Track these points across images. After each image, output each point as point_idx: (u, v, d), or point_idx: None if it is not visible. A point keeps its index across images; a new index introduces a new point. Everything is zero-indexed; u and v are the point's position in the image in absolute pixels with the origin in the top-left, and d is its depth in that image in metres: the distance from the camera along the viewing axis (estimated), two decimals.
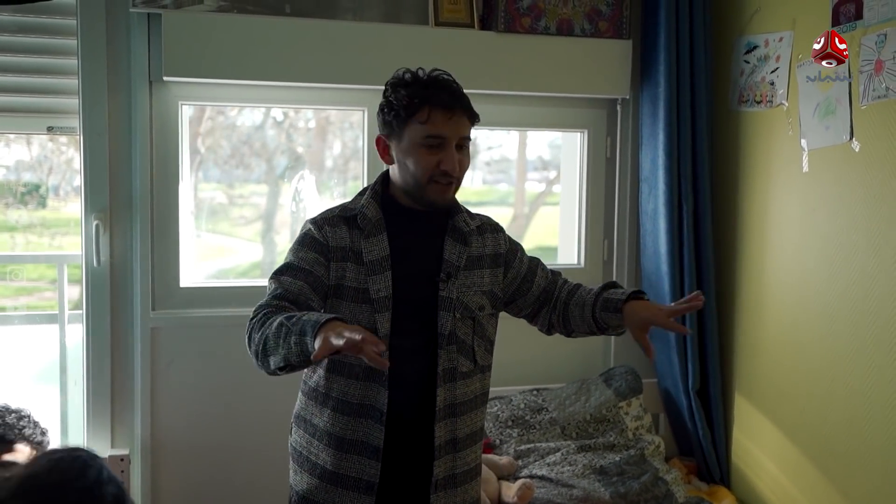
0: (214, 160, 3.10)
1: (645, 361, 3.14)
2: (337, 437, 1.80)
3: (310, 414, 1.87)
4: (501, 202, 3.52)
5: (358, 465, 1.79)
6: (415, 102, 1.75)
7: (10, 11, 2.59)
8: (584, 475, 2.69)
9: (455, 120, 1.75)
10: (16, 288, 2.95)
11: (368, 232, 1.80)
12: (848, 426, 2.40)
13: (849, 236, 2.38)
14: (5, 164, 2.91)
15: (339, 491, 1.80)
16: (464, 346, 1.84)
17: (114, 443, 2.74)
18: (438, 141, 1.74)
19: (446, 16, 2.84)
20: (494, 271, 1.92)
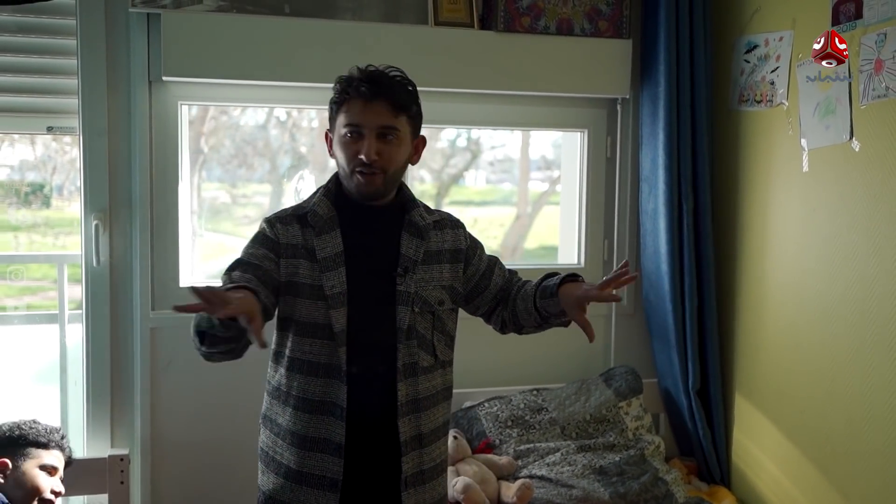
0: (218, 160, 3.10)
1: (645, 361, 3.14)
2: (299, 436, 1.81)
3: (274, 413, 1.88)
4: (504, 202, 3.52)
5: (321, 462, 1.79)
6: (340, 95, 1.80)
7: (10, 11, 2.59)
8: (583, 475, 2.69)
9: (372, 109, 1.76)
10: (19, 288, 2.95)
11: (320, 229, 1.82)
12: (848, 426, 2.39)
13: (849, 236, 2.37)
14: (9, 164, 2.91)
15: (304, 489, 1.81)
16: (424, 341, 1.85)
17: (113, 442, 2.75)
18: (356, 129, 1.76)
19: (446, 15, 2.83)
20: (454, 266, 1.93)
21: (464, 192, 3.49)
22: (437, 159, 3.48)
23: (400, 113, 1.79)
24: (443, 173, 3.36)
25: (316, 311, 1.79)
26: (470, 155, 3.46)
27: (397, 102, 1.78)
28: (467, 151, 3.46)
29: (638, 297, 3.17)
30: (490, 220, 3.48)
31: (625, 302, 3.19)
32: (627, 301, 3.19)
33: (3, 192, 2.93)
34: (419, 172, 3.45)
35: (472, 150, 3.45)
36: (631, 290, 3.18)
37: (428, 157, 3.48)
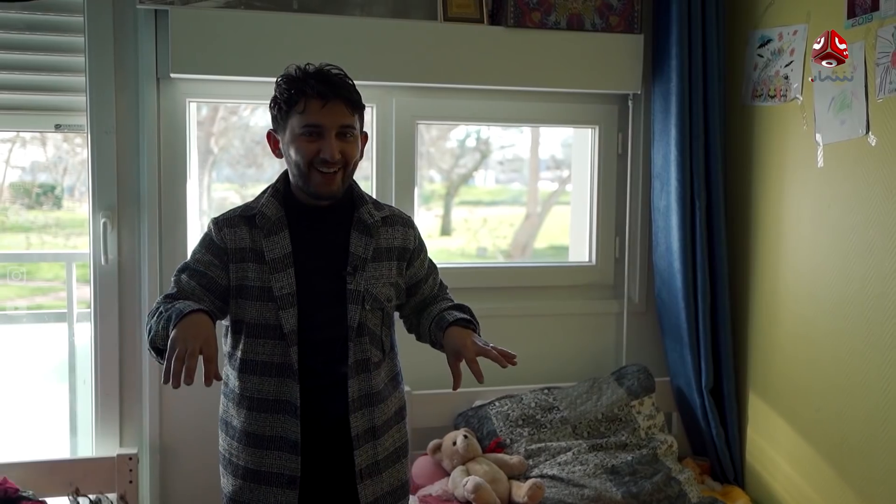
0: (227, 160, 3.09)
1: (658, 360, 3.11)
2: (255, 436, 1.83)
3: (229, 416, 1.91)
4: (514, 201, 3.50)
5: (278, 460, 1.81)
6: (292, 94, 1.78)
7: (18, 9, 2.58)
8: (595, 475, 2.66)
9: (330, 108, 1.76)
10: (31, 288, 2.94)
11: (268, 230, 1.83)
12: (864, 424, 2.36)
13: (864, 232, 2.34)
14: (21, 166, 2.91)
15: (262, 489, 1.83)
16: (374, 337, 1.87)
17: (122, 442, 2.74)
18: (316, 129, 1.76)
19: (455, 11, 2.81)
20: (400, 264, 1.94)
21: (473, 191, 3.47)
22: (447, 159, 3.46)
23: (355, 111, 1.82)
24: (452, 173, 3.34)
25: (266, 312, 1.81)
26: (479, 155, 3.44)
27: (353, 101, 1.81)
28: (476, 151, 3.44)
29: (650, 294, 3.14)
30: (500, 220, 3.46)
31: (637, 300, 3.16)
32: (639, 299, 3.16)
33: (14, 193, 2.93)
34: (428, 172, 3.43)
35: (482, 150, 3.43)
36: (643, 288, 3.16)
37: (437, 156, 3.47)
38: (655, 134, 2.99)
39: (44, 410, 2.92)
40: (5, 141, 2.91)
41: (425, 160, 3.39)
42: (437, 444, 2.74)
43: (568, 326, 3.11)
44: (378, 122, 2.88)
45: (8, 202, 2.94)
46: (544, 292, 3.11)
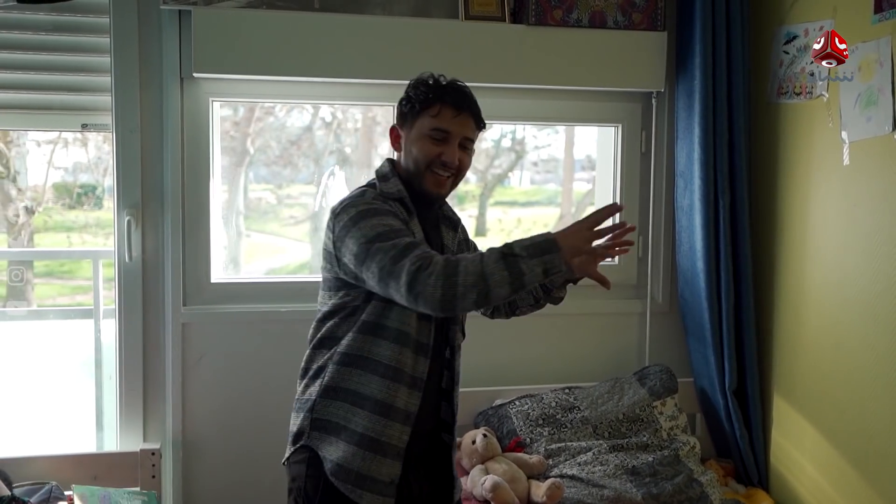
0: (264, 161, 3.12)
1: (682, 360, 3.08)
2: (384, 405, 1.85)
3: (353, 384, 1.87)
4: (549, 202, 3.48)
5: (398, 431, 1.87)
6: (430, 98, 1.90)
7: (46, 10, 2.63)
8: (615, 475, 2.64)
9: (461, 120, 1.90)
10: (73, 287, 2.99)
11: (411, 213, 1.93)
12: (890, 427, 2.31)
13: (891, 231, 2.29)
14: (64, 166, 2.96)
15: (376, 458, 1.86)
16: (461, 323, 2.05)
17: (146, 436, 2.77)
18: (443, 134, 1.89)
19: (476, 9, 2.80)
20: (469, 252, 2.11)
21: (508, 192, 3.46)
22: (482, 160, 3.46)
23: (478, 128, 1.96)
24: (487, 174, 3.34)
25: None
26: (514, 155, 3.43)
27: (479, 118, 1.95)
28: (512, 152, 3.43)
29: (673, 294, 3.11)
30: (533, 221, 3.45)
31: (660, 299, 3.13)
32: (663, 299, 3.13)
33: (57, 193, 2.99)
34: None
35: (517, 151, 3.42)
36: (666, 288, 3.13)
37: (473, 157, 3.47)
38: (679, 132, 2.96)
39: (72, 405, 2.97)
40: (48, 142, 2.97)
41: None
42: (456, 442, 2.73)
43: (590, 326, 3.09)
44: None
45: (51, 202, 3.01)
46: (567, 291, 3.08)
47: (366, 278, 1.78)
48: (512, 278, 1.65)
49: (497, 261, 1.66)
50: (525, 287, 1.68)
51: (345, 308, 1.89)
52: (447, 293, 1.66)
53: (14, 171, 2.99)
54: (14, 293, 2.94)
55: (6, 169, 2.96)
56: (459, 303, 1.67)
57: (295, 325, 2.81)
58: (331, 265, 1.90)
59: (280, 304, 2.83)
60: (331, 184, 3.01)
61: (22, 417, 2.89)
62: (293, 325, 2.81)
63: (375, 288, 1.78)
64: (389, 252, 1.73)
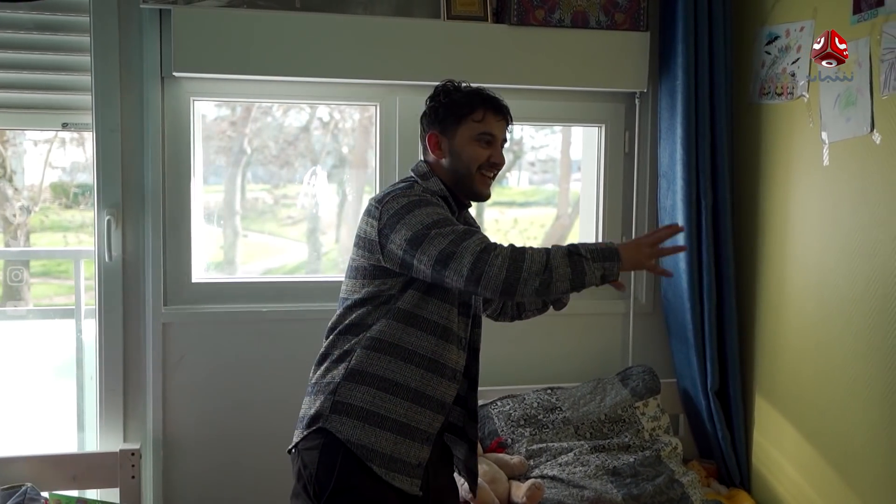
0: (260, 161, 3.11)
1: (665, 361, 3.08)
2: (418, 392, 1.90)
3: (382, 370, 1.89)
4: (547, 203, 3.48)
5: (429, 418, 1.93)
6: (473, 104, 2.00)
7: (25, 9, 2.62)
8: (596, 476, 2.63)
9: (501, 124, 2.03)
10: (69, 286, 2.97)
11: (453, 213, 1.99)
12: (868, 428, 2.31)
13: (870, 232, 2.29)
14: (62, 166, 2.96)
15: (406, 442, 1.90)
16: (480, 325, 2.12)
17: (126, 437, 2.76)
18: (490, 137, 1.99)
19: (459, 9, 2.80)
20: None
21: (507, 192, 3.46)
22: None
23: (507, 130, 2.07)
24: None
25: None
26: (512, 156, 3.43)
27: (510, 121, 2.06)
28: (509, 152, 3.43)
29: (657, 295, 3.11)
30: (530, 221, 3.44)
31: (643, 300, 3.12)
32: (646, 299, 3.13)
33: (54, 193, 2.98)
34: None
35: (515, 151, 3.42)
36: (650, 288, 3.12)
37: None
38: (662, 132, 2.96)
39: (54, 406, 2.96)
40: (45, 141, 2.96)
41: None
42: None
43: (573, 326, 3.09)
44: (382, 120, 2.88)
45: (48, 202, 3.00)
46: None
47: (417, 263, 1.82)
48: (574, 276, 1.75)
49: (563, 256, 1.77)
50: (583, 287, 1.78)
51: (380, 296, 1.92)
52: (511, 276, 1.74)
53: (10, 171, 2.98)
54: (11, 293, 2.94)
55: (2, 168, 2.95)
56: (521, 287, 1.75)
57: (276, 324, 2.82)
58: (371, 253, 1.92)
59: (262, 304, 2.83)
60: (314, 183, 3.01)
61: (2, 419, 2.88)
62: (275, 324, 2.82)
63: (427, 273, 1.81)
64: (449, 236, 1.80)
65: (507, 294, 1.76)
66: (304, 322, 2.74)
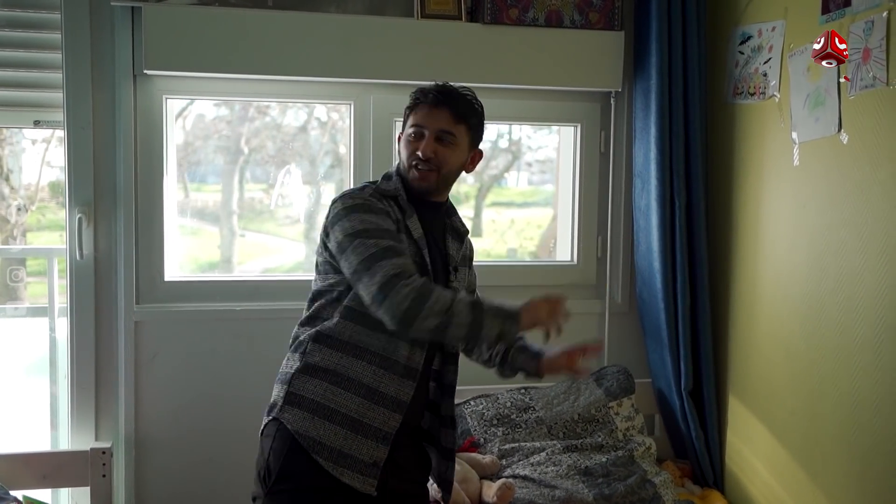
0: (258, 160, 3.10)
1: (641, 361, 3.08)
2: (371, 389, 1.88)
3: (332, 364, 1.89)
4: (546, 203, 3.47)
5: (383, 417, 1.89)
6: (413, 101, 2.00)
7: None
8: (567, 476, 2.63)
9: (436, 114, 1.94)
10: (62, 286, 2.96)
11: (408, 212, 1.97)
12: (835, 428, 2.31)
13: (837, 232, 2.29)
14: (60, 165, 2.95)
15: (357, 438, 1.87)
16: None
17: (98, 435, 2.76)
18: (419, 130, 1.95)
19: (432, 7, 2.79)
20: (470, 272, 2.16)
21: (505, 193, 3.45)
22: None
23: (460, 121, 1.96)
24: (483, 174, 3.33)
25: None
26: (511, 156, 3.42)
27: (458, 111, 1.96)
28: (508, 153, 3.43)
29: (632, 295, 3.10)
30: (527, 222, 3.44)
31: (619, 300, 3.12)
32: (622, 299, 3.12)
33: (52, 192, 2.98)
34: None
35: (513, 151, 3.41)
36: (626, 288, 3.12)
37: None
38: (637, 132, 2.96)
39: (28, 404, 2.95)
40: (42, 140, 2.96)
41: None
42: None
43: None
44: (356, 119, 2.88)
45: (45, 201, 3.00)
46: (527, 291, 2.98)
47: (342, 267, 1.86)
48: (471, 326, 1.76)
49: (467, 305, 1.77)
50: (478, 340, 1.81)
51: (332, 291, 1.93)
52: (413, 308, 1.73)
53: (7, 170, 2.97)
54: (9, 293, 2.94)
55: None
56: (419, 323, 1.74)
57: (249, 323, 2.81)
58: (323, 248, 1.96)
59: (234, 303, 2.82)
60: (287, 181, 3.00)
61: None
62: (247, 323, 2.81)
63: (348, 278, 1.86)
64: (370, 249, 1.80)
65: (404, 325, 1.75)
66: (277, 320, 2.72)
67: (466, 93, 2.00)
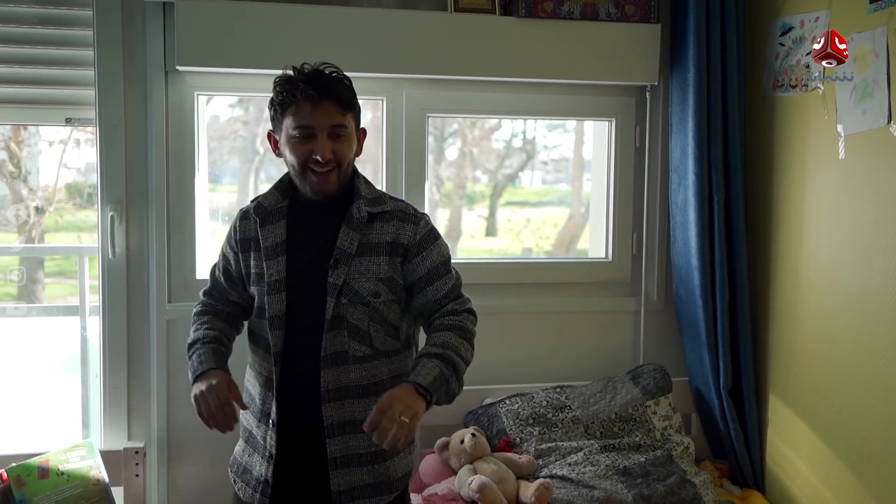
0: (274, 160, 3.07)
1: (677, 359, 3.03)
2: (252, 403, 1.96)
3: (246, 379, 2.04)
4: (561, 202, 3.43)
5: (264, 432, 1.91)
6: (285, 97, 1.81)
7: (29, 3, 2.60)
8: (606, 476, 2.58)
9: (322, 109, 1.79)
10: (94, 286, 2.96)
11: (264, 220, 1.91)
12: (886, 429, 2.25)
13: (885, 227, 2.23)
14: (76, 167, 2.94)
15: (255, 455, 1.95)
16: (357, 331, 1.85)
17: (130, 435, 2.74)
18: (308, 131, 1.80)
19: (466, 1, 2.76)
20: (392, 259, 1.89)
21: (520, 192, 3.41)
22: (493, 160, 3.41)
23: (347, 111, 1.83)
24: (498, 174, 3.29)
25: (262, 297, 1.90)
26: (525, 155, 3.38)
27: (344, 101, 1.82)
28: (522, 152, 3.39)
29: (668, 292, 3.05)
30: (543, 221, 3.40)
31: (655, 297, 3.07)
32: (658, 296, 3.07)
33: (69, 193, 2.97)
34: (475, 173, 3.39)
35: (527, 151, 3.37)
36: (661, 285, 3.07)
37: (483, 157, 3.42)
38: (673, 126, 2.91)
39: (59, 404, 2.94)
40: (60, 142, 2.95)
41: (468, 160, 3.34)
42: (444, 442, 2.69)
43: (584, 324, 3.04)
44: (388, 114, 2.84)
45: (63, 202, 2.99)
46: (560, 289, 3.04)
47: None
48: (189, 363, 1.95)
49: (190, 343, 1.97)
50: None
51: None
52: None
53: (25, 171, 2.97)
54: (26, 292, 2.93)
55: (18, 169, 2.94)
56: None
57: None
58: None
59: None
60: None
61: (8, 416, 2.86)
62: None
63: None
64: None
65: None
66: None
67: (335, 72, 1.83)
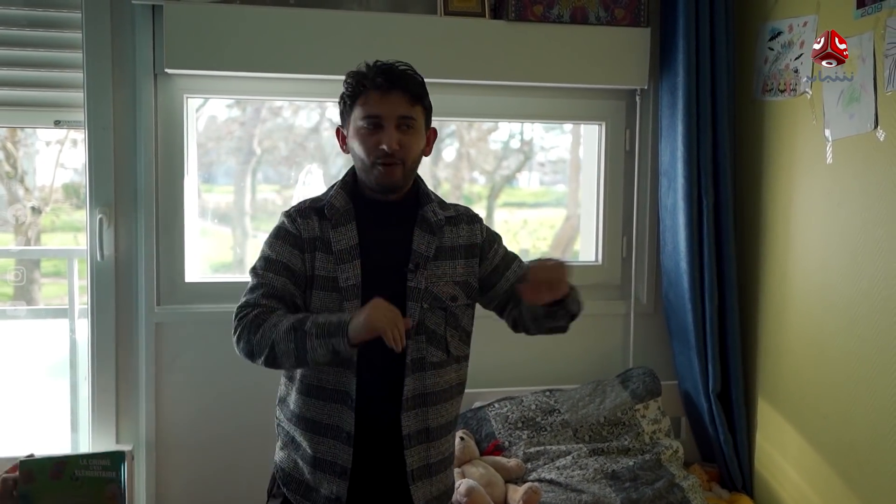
0: (271, 161, 3.08)
1: (667, 363, 3.03)
2: (311, 421, 1.82)
3: (287, 395, 1.90)
4: (558, 203, 3.43)
5: (332, 448, 1.81)
6: (355, 87, 1.79)
7: (18, 5, 2.60)
8: (594, 480, 2.58)
9: (391, 99, 1.76)
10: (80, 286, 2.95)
11: (336, 222, 1.82)
12: (871, 431, 2.25)
13: (873, 232, 2.23)
14: (74, 167, 2.94)
15: (318, 473, 1.83)
16: (434, 336, 1.83)
17: (119, 438, 2.74)
18: (375, 121, 1.76)
19: (456, 4, 2.76)
20: (469, 262, 1.89)
21: (517, 193, 3.41)
22: (490, 161, 3.41)
23: (416, 103, 1.80)
24: (495, 175, 3.29)
25: (330, 303, 1.79)
26: (522, 156, 3.38)
27: (414, 93, 1.79)
28: (520, 153, 3.39)
29: (658, 295, 3.06)
30: (540, 222, 3.40)
31: (644, 301, 3.07)
32: (647, 300, 3.08)
33: (66, 193, 2.96)
34: (472, 174, 3.39)
35: (525, 152, 3.37)
36: (651, 289, 3.07)
37: (480, 158, 3.42)
38: (663, 130, 2.91)
39: (48, 406, 2.93)
40: (57, 142, 2.95)
41: (466, 161, 3.34)
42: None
43: (573, 327, 2.99)
44: None
45: (60, 202, 2.98)
46: None
47: None
48: (297, 353, 1.66)
49: (287, 331, 1.67)
50: (307, 363, 1.68)
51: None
52: (247, 348, 1.72)
53: (22, 171, 2.96)
54: (22, 293, 2.92)
55: (14, 169, 2.94)
56: (258, 360, 1.72)
57: None
58: None
59: None
60: (307, 181, 2.97)
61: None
62: None
63: None
64: (249, 285, 1.80)
65: (255, 362, 1.74)
66: None
67: (408, 69, 1.83)
